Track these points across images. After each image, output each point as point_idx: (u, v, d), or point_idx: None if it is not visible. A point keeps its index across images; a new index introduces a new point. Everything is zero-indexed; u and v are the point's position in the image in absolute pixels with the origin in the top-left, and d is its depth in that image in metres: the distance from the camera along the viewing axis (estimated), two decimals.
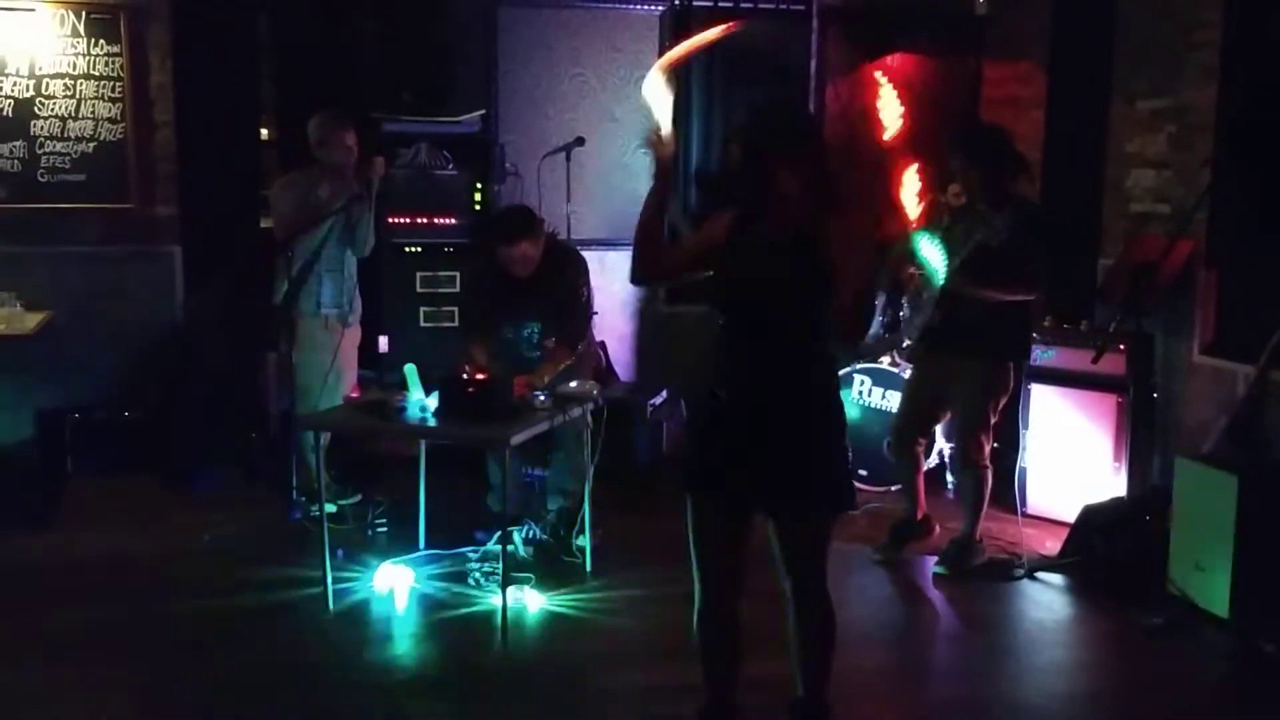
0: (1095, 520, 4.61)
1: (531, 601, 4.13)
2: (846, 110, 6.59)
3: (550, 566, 4.49)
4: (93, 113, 5.83)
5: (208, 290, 5.86)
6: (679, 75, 2.74)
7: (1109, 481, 4.94)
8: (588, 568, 4.49)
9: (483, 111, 5.94)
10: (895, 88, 6.56)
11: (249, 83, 5.95)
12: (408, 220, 5.78)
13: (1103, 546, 4.50)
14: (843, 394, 5.55)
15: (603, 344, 5.93)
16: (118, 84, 5.84)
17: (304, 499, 4.94)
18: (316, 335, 5.00)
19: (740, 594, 2.98)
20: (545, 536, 4.65)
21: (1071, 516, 4.75)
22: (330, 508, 4.29)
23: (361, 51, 5.93)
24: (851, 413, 5.56)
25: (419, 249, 5.82)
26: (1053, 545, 4.75)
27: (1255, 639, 3.86)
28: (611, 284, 6.44)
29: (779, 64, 6.50)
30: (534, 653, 3.83)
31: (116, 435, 5.65)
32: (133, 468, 5.55)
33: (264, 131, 6.04)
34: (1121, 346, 4.90)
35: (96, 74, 5.81)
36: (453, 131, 5.86)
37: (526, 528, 4.65)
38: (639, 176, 6.81)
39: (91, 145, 5.84)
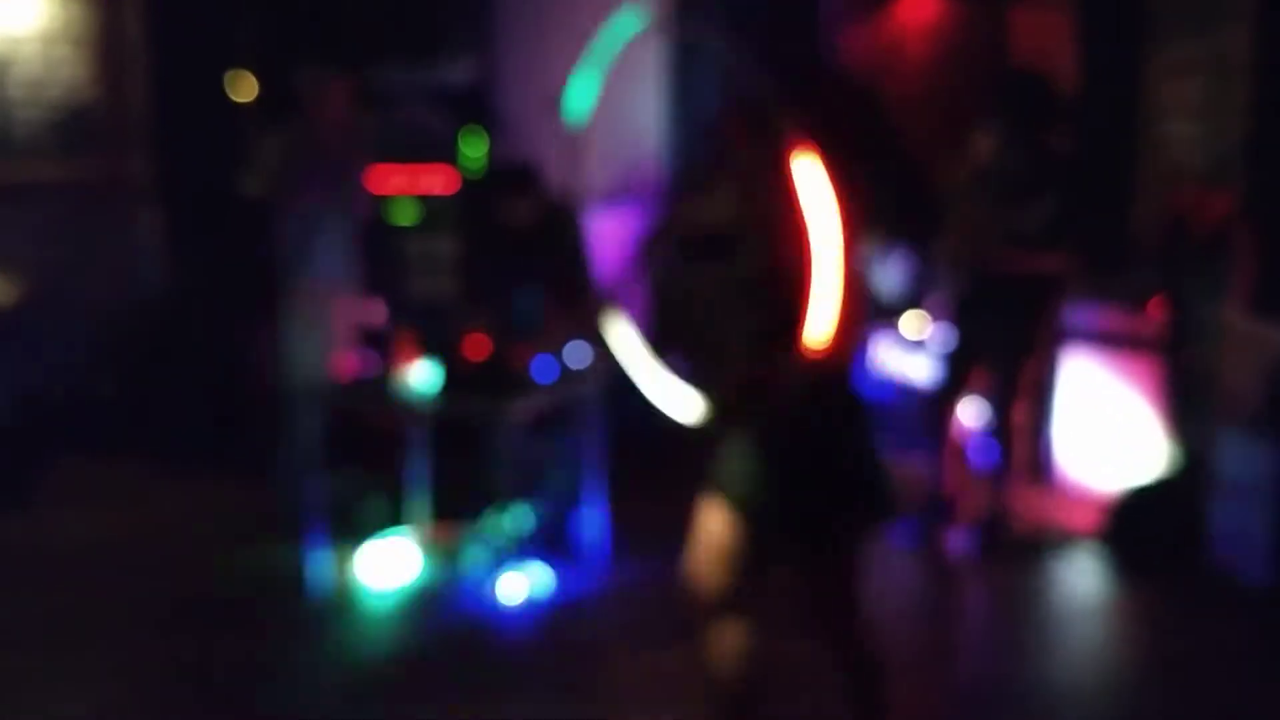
0: (1131, 490, 4.45)
1: (535, 580, 4.01)
2: (862, 60, 6.37)
3: (554, 545, 4.35)
4: (66, 75, 5.64)
5: (191, 257, 5.71)
6: None
7: (1146, 450, 4.77)
8: (592, 545, 4.36)
9: (478, 64, 5.75)
10: (910, 38, 6.34)
11: (230, 37, 5.74)
12: (402, 179, 5.62)
13: (1139, 518, 4.35)
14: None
15: None
16: (90, 45, 5.67)
17: (296, 476, 4.76)
18: (311, 306, 4.82)
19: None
20: (550, 513, 4.46)
21: (1106, 486, 4.61)
22: (324, 485, 4.15)
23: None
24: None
25: (413, 210, 5.67)
26: (1085, 518, 4.61)
27: None
28: (614, 245, 6.25)
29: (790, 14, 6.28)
30: (538, 632, 3.75)
31: (98, 412, 5.52)
32: (116, 446, 5.42)
33: (244, 90, 5.83)
34: (1158, 303, 4.70)
35: (69, 35, 5.60)
36: (446, 84, 5.69)
37: (531, 505, 4.47)
38: (644, 130, 6.62)
39: (65, 108, 5.65)
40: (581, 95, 2.51)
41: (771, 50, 2.64)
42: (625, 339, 2.42)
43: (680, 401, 2.37)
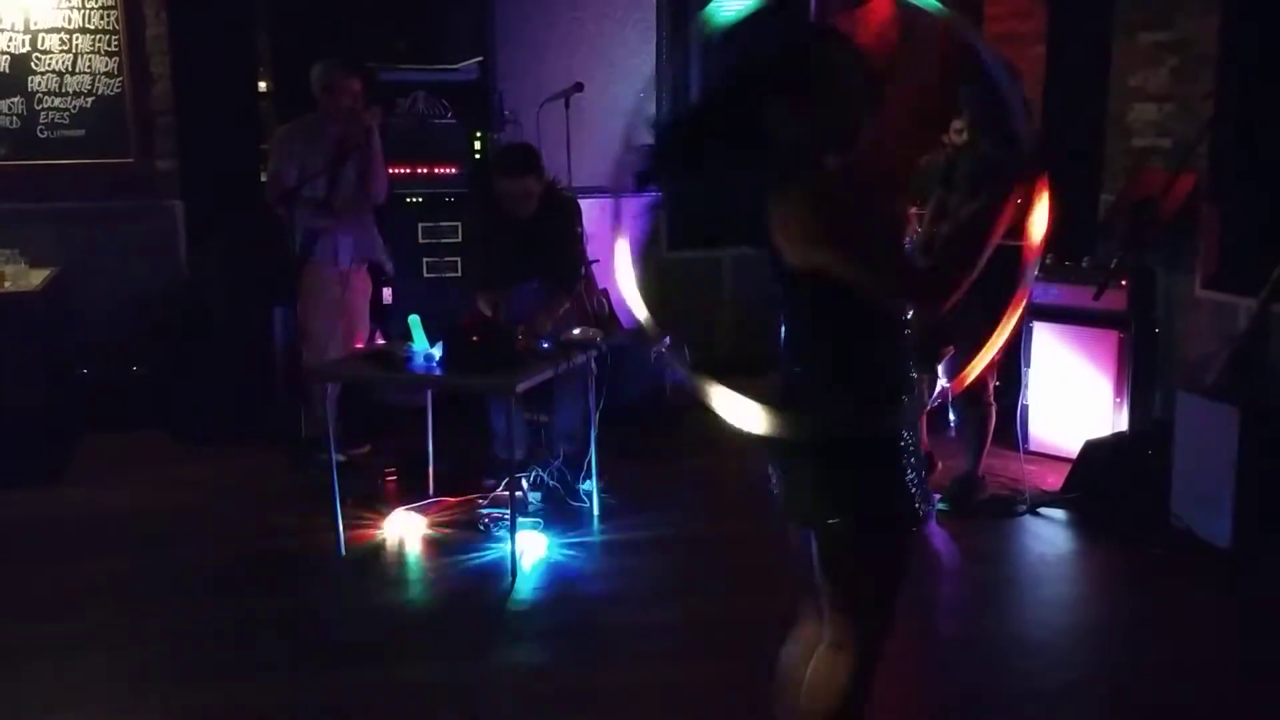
0: (1097, 455, 4.65)
1: (539, 545, 4.20)
2: None
3: (557, 511, 4.54)
4: (90, 67, 5.80)
5: (212, 243, 5.86)
6: None
7: (1111, 417, 4.97)
8: (594, 512, 4.55)
9: (480, 58, 5.89)
10: (894, 24, 6.48)
11: (246, 33, 5.91)
12: (407, 170, 5.75)
13: (1105, 481, 4.53)
14: None
15: (605, 291, 5.94)
16: (114, 37, 5.81)
17: (313, 449, 4.98)
18: (328, 286, 5.02)
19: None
20: (552, 482, 4.70)
21: (1073, 452, 4.78)
22: (339, 457, 4.33)
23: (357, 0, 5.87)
24: None
25: (420, 199, 5.80)
26: (1055, 481, 4.79)
27: (1257, 571, 3.91)
28: (611, 231, 6.43)
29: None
30: (542, 595, 3.90)
31: (125, 390, 5.67)
32: (142, 423, 5.58)
33: (262, 83, 6.00)
34: (1123, 282, 4.90)
35: (92, 27, 5.77)
36: (450, 79, 5.82)
37: (533, 473, 4.69)
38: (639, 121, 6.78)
39: (89, 100, 5.82)
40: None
41: None
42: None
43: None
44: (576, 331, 4.43)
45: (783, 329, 2.32)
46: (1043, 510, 4.59)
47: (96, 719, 3.15)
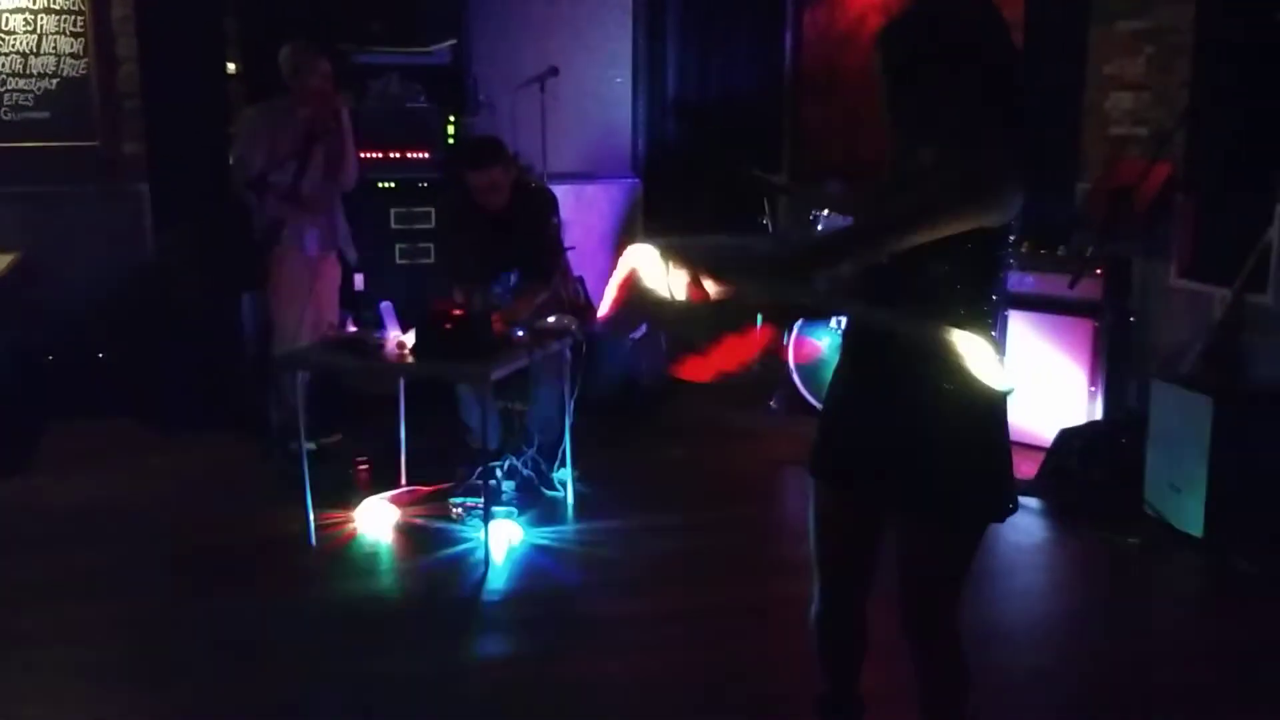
0: (1071, 443, 4.66)
1: (514, 535, 4.17)
2: (825, 37, 6.51)
3: (532, 500, 4.52)
4: (54, 48, 5.72)
5: (179, 228, 5.78)
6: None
7: (1085, 405, 4.99)
8: (569, 500, 4.53)
9: (453, 41, 5.83)
10: (872, 12, 6.48)
11: (213, 14, 5.82)
12: (380, 155, 5.70)
13: (1079, 469, 4.55)
14: (822, 325, 5.64)
15: (581, 279, 5.90)
16: (79, 18, 5.72)
17: (283, 438, 4.93)
18: (297, 273, 4.95)
19: (864, 594, 2.41)
20: (527, 471, 4.67)
21: (1048, 440, 4.79)
22: (310, 446, 4.29)
23: None
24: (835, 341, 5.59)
25: (392, 185, 5.75)
26: (1029, 469, 4.79)
27: (1229, 558, 3.93)
28: (589, 217, 6.41)
29: None
30: (517, 585, 3.87)
31: (91, 378, 5.60)
32: (108, 411, 5.51)
33: (230, 65, 5.91)
34: (1098, 271, 4.91)
35: (57, 7, 5.69)
36: (423, 63, 5.76)
37: (507, 462, 4.66)
38: (614, 106, 6.76)
39: (54, 81, 5.74)
40: None
41: None
42: None
43: None
44: (551, 319, 4.40)
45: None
46: (1017, 498, 4.57)
47: (64, 712, 3.11)
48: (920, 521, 2.21)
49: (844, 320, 2.36)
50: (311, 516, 4.12)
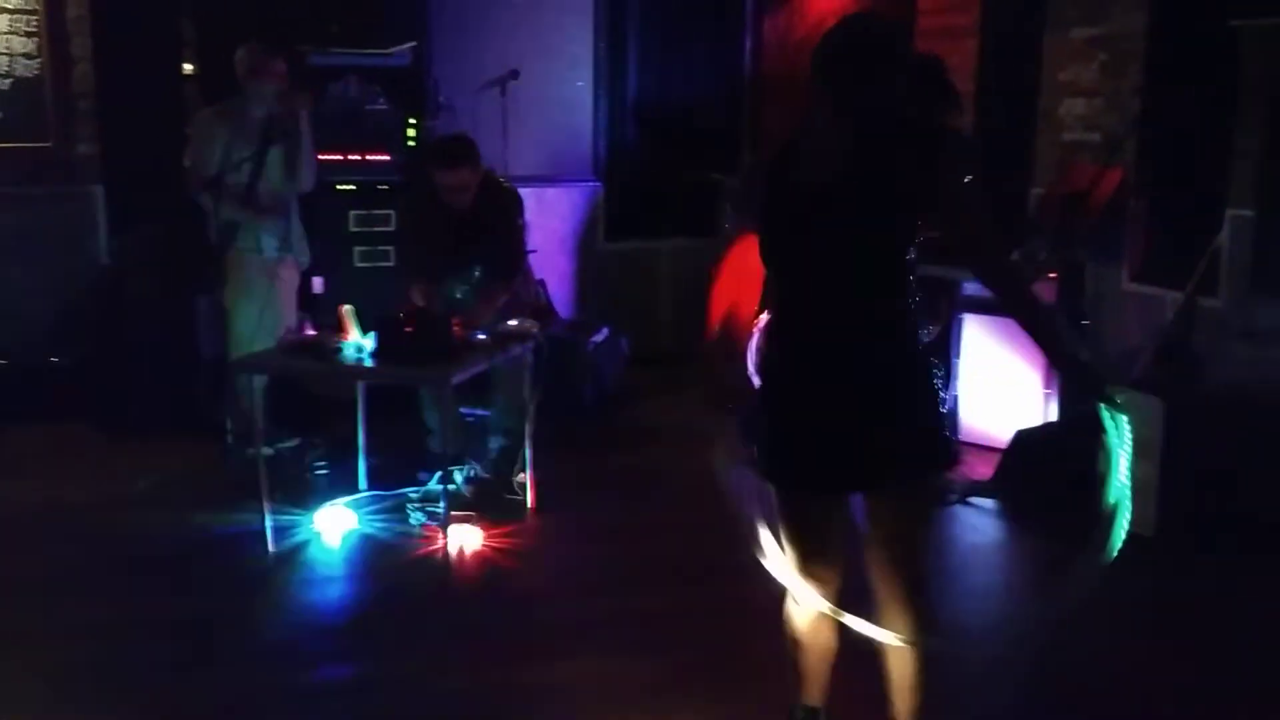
0: (1027, 445, 4.71)
1: (474, 540, 4.15)
2: (785, 41, 6.55)
3: (492, 505, 4.50)
4: (7, 48, 5.63)
5: (135, 230, 5.72)
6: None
7: (1040, 407, 5.05)
8: (529, 505, 4.51)
9: (414, 43, 5.80)
10: (831, 18, 6.52)
11: (169, 14, 5.77)
12: (340, 157, 5.65)
13: (1034, 471, 4.60)
14: None
15: (542, 282, 5.90)
16: (33, 18, 5.64)
17: (240, 443, 4.89)
18: (253, 277, 4.91)
19: (837, 581, 2.55)
20: (487, 475, 4.65)
21: (1004, 442, 4.84)
22: (267, 451, 4.25)
23: None
24: None
25: (352, 187, 5.71)
26: (986, 471, 4.85)
27: (1181, 557, 3.99)
28: (550, 221, 6.40)
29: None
30: (477, 590, 3.86)
31: (45, 381, 5.53)
32: (63, 415, 5.44)
33: (186, 65, 5.85)
34: (1052, 275, 4.97)
35: (10, 6, 5.61)
36: (383, 64, 5.72)
37: (468, 467, 4.65)
38: (575, 109, 6.77)
39: (7, 82, 5.66)
40: None
41: None
42: None
43: None
44: (513, 323, 4.39)
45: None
46: (973, 500, 4.64)
47: (17, 717, 3.06)
48: (896, 496, 2.39)
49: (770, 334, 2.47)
50: (269, 522, 4.08)
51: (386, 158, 5.73)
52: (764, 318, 2.53)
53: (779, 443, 2.44)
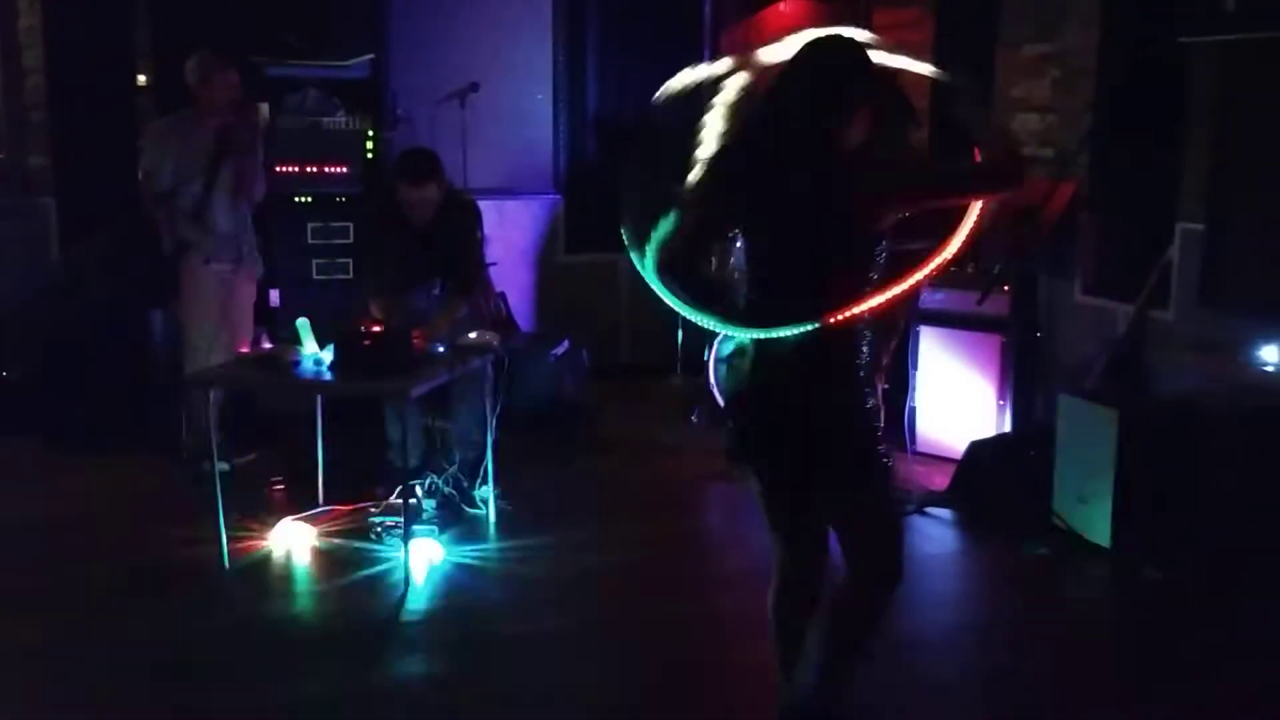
0: (981, 456, 4.76)
1: (435, 554, 4.12)
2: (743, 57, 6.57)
3: (453, 519, 4.48)
4: None
5: (86, 243, 5.64)
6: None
7: (995, 419, 5.10)
8: (491, 518, 4.49)
9: (371, 55, 5.78)
10: (788, 34, 6.56)
11: (123, 25, 5.70)
12: (297, 170, 5.61)
13: (989, 481, 4.64)
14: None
15: (503, 294, 5.89)
16: None
17: (196, 458, 4.82)
18: (208, 289, 4.86)
19: (822, 565, 2.72)
20: (448, 489, 4.63)
21: (959, 453, 4.88)
22: (223, 466, 4.20)
23: None
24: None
25: (309, 199, 5.67)
26: (941, 481, 4.89)
27: (1136, 567, 4.04)
28: (510, 234, 6.40)
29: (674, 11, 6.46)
30: (438, 605, 3.83)
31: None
32: (13, 429, 5.35)
33: (140, 77, 5.79)
34: (1005, 288, 5.03)
35: None
36: (341, 76, 5.69)
37: (428, 480, 4.62)
38: (535, 122, 6.77)
39: None
40: None
41: None
42: None
43: None
44: (473, 335, 4.38)
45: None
46: (929, 510, 4.67)
47: None
48: (869, 492, 2.61)
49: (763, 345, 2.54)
50: (224, 538, 4.03)
51: (345, 170, 5.70)
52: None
53: (770, 442, 2.61)
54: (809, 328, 2.39)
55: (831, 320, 2.40)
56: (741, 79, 2.66)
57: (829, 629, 2.65)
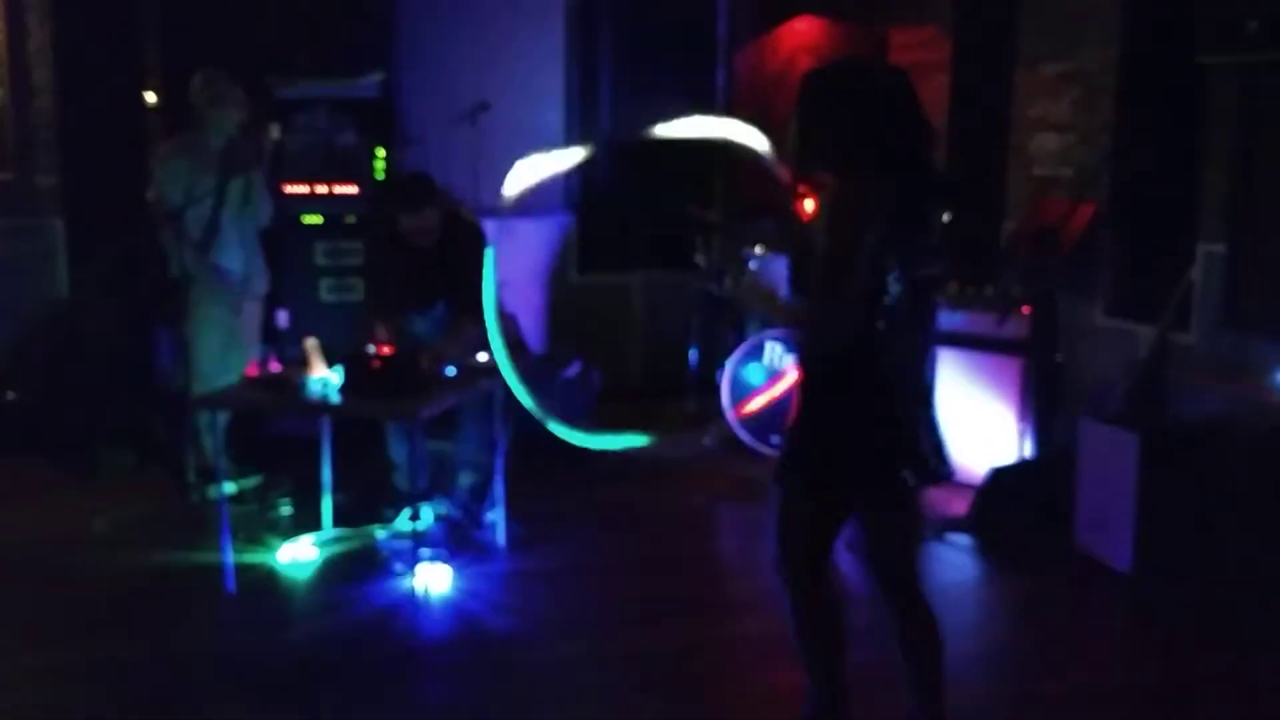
0: (1002, 481, 4.69)
1: (442, 579, 4.06)
2: (757, 75, 6.55)
3: (461, 543, 4.42)
4: None
5: (94, 263, 5.64)
6: None
7: (1015, 443, 5.02)
8: (500, 542, 4.44)
9: (382, 74, 5.76)
10: (803, 53, 6.54)
11: (132, 45, 5.70)
12: (307, 189, 5.59)
13: (1009, 508, 4.58)
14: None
15: (513, 316, 5.84)
16: None
17: (202, 480, 4.78)
18: (216, 310, 4.83)
19: (830, 577, 2.87)
20: (456, 512, 4.57)
21: (978, 478, 4.81)
22: (230, 489, 4.15)
23: (253, 10, 5.69)
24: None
25: (319, 219, 5.64)
26: (961, 507, 4.80)
27: (1158, 593, 3.97)
28: (521, 253, 6.35)
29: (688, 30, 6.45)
30: (447, 630, 3.78)
31: (1, 416, 5.42)
32: (19, 450, 5.31)
33: (149, 96, 5.78)
34: (1025, 309, 4.97)
35: None
36: (351, 95, 5.68)
37: (436, 504, 4.56)
38: (547, 141, 6.72)
39: None
40: None
41: None
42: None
43: None
44: (483, 357, 4.32)
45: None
46: (949, 536, 4.60)
47: None
48: (902, 512, 2.73)
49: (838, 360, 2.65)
50: (230, 561, 3.99)
51: (355, 190, 5.68)
52: None
53: (824, 459, 2.69)
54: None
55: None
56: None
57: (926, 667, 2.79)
